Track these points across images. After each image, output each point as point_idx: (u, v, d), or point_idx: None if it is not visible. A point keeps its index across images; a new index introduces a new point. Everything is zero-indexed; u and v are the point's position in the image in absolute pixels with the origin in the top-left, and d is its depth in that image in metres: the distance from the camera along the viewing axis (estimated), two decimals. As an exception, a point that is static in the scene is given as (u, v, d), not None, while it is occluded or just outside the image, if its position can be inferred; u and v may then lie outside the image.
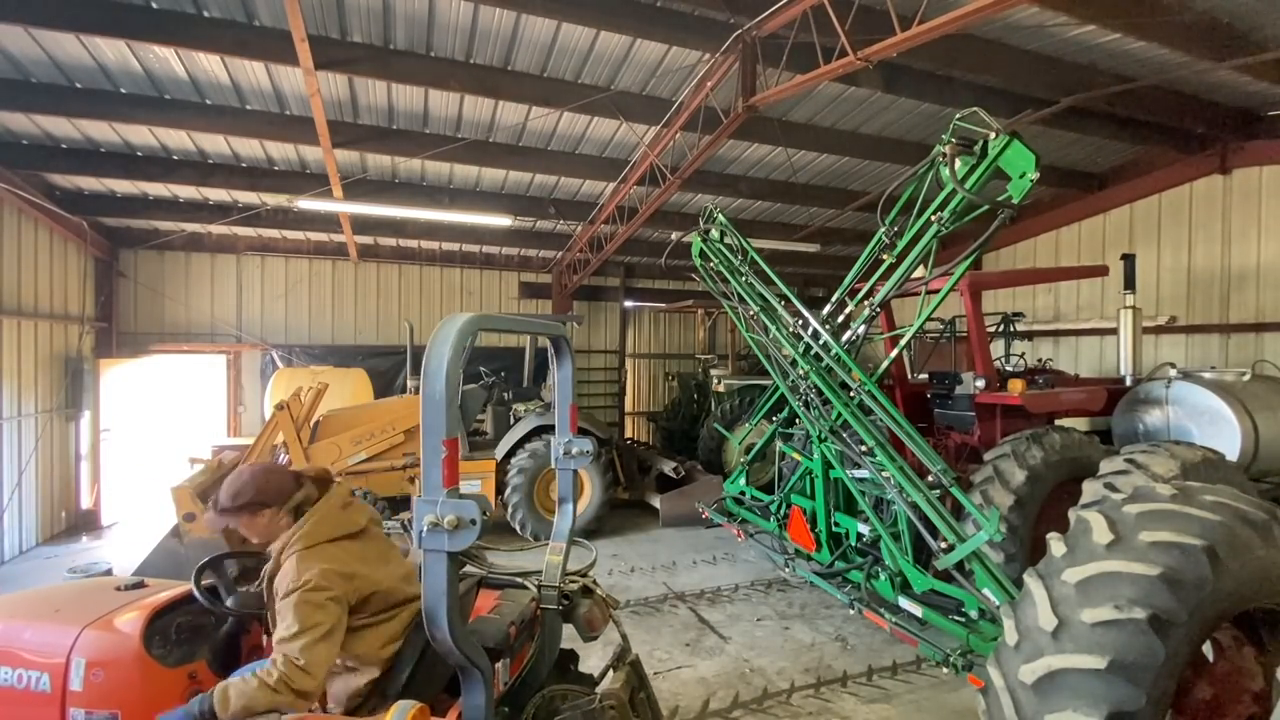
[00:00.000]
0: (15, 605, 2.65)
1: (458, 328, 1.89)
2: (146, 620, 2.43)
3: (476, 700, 2.02)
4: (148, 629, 2.42)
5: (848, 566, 5.89)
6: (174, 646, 2.50)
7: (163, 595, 2.63)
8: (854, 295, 6.23)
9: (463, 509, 1.76)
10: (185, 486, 6.64)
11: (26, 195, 7.94)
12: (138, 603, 2.56)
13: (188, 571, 6.37)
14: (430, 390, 1.78)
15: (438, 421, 1.78)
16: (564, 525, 2.80)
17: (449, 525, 1.74)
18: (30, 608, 2.59)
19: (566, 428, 2.88)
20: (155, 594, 2.65)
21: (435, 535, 1.75)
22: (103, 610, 2.47)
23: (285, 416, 7.42)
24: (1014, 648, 2.56)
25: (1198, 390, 6.10)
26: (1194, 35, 6.17)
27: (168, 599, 2.59)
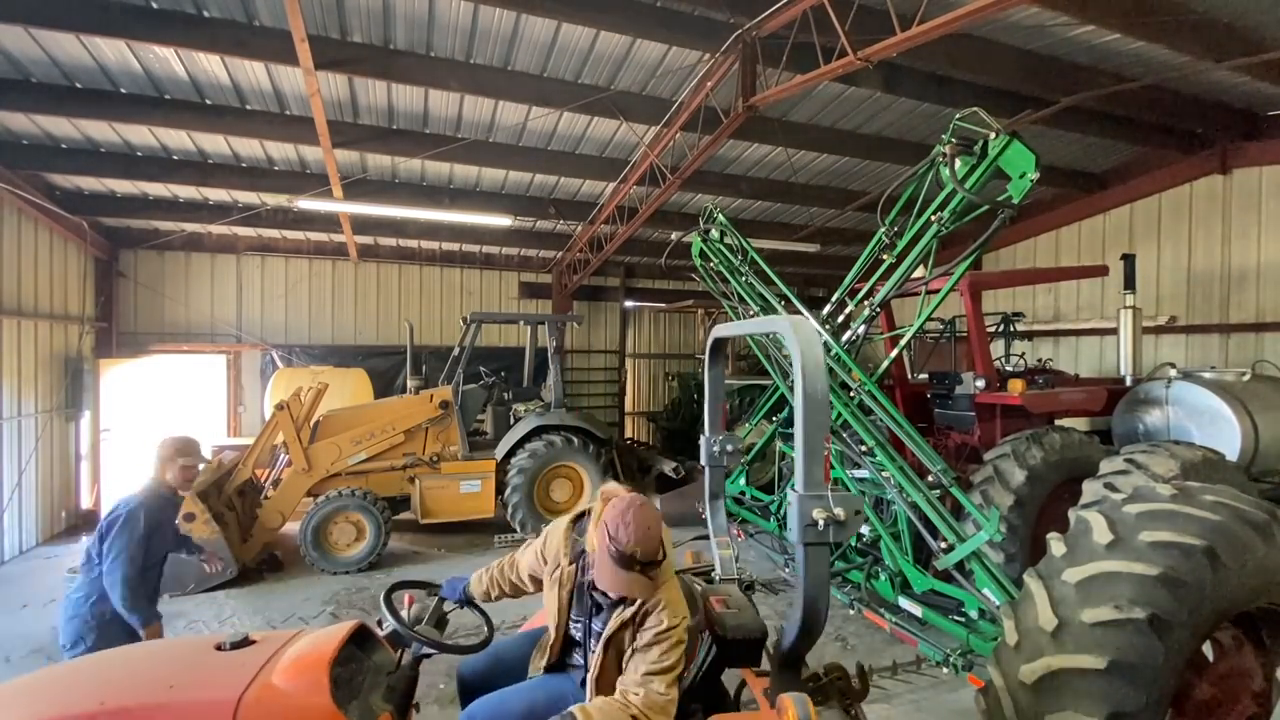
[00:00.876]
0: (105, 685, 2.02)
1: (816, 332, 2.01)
2: (329, 676, 2.04)
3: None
4: (333, 686, 2.04)
5: (848, 566, 5.89)
6: (357, 700, 2.11)
7: (324, 645, 2.18)
8: (854, 295, 6.23)
9: (848, 503, 1.84)
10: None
11: (26, 195, 7.94)
12: (302, 658, 2.13)
13: (186, 574, 6.36)
14: (811, 390, 1.85)
15: (819, 420, 1.86)
16: (721, 520, 2.98)
17: (834, 519, 1.83)
18: (131, 689, 2.00)
19: (718, 425, 3.00)
20: (283, 646, 2.21)
21: (821, 529, 1.84)
22: (238, 675, 2.03)
23: (285, 416, 7.42)
24: (1014, 648, 2.56)
25: (1198, 390, 6.10)
26: (1194, 35, 6.17)
27: (335, 649, 2.16)
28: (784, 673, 2.24)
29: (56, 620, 5.93)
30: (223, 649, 2.19)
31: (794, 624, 2.09)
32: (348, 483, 7.78)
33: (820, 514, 1.83)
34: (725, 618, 2.39)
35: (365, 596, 6.66)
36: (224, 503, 7.22)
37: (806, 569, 1.93)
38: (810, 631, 2.07)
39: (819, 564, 1.93)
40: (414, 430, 8.34)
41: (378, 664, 2.28)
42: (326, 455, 7.76)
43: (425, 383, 9.59)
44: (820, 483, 1.87)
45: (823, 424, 1.89)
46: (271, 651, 2.17)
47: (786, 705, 1.91)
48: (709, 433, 3.02)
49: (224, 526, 6.82)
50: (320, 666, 2.07)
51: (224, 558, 6.67)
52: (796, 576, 2.05)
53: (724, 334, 2.96)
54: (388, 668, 2.30)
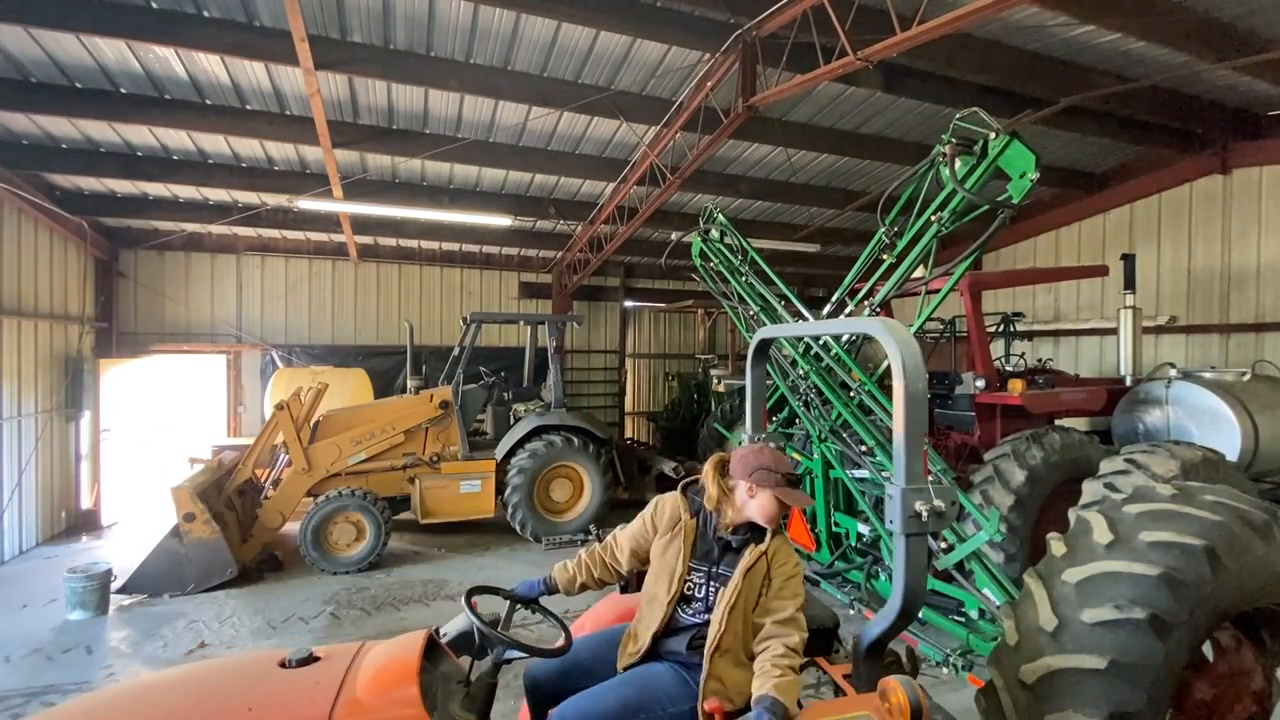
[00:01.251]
0: (177, 710, 1.95)
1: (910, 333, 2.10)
2: (420, 690, 2.00)
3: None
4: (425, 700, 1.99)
5: (848, 566, 5.89)
6: (437, 711, 2.06)
7: (405, 657, 2.13)
8: (854, 295, 6.23)
9: (946, 494, 1.96)
10: (185, 486, 6.64)
11: (26, 195, 7.94)
12: (384, 671, 2.07)
13: (188, 572, 6.38)
14: (911, 388, 1.93)
15: (919, 417, 1.96)
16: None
17: (935, 510, 1.93)
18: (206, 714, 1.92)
19: (760, 424, 3.10)
20: (353, 660, 2.14)
21: (924, 520, 1.94)
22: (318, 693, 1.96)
23: (285, 416, 7.42)
24: (1014, 648, 2.56)
25: (1198, 390, 6.10)
26: (1194, 35, 6.17)
27: (418, 661, 2.10)
28: (870, 659, 2.31)
29: (56, 621, 5.95)
30: (288, 666, 2.11)
31: (890, 612, 2.16)
32: (348, 483, 7.78)
33: (922, 506, 1.93)
34: None
35: (365, 597, 6.66)
36: (224, 503, 7.22)
37: (908, 559, 2.01)
38: (905, 618, 2.14)
39: (919, 554, 2.03)
40: (414, 430, 8.34)
41: (446, 674, 2.23)
42: (326, 455, 7.75)
43: (425, 383, 9.59)
44: (921, 476, 1.96)
45: (922, 421, 1.99)
46: (344, 666, 2.11)
47: (892, 687, 1.94)
48: (751, 430, 3.09)
49: (224, 526, 6.82)
50: (409, 680, 2.02)
51: (224, 558, 6.68)
52: (894, 566, 2.11)
53: (770, 335, 2.97)
54: (457, 676, 2.24)
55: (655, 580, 2.47)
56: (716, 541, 2.42)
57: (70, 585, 6.01)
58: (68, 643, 5.57)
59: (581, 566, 2.65)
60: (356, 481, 7.89)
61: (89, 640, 5.62)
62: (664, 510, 2.54)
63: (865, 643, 2.30)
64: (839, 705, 2.18)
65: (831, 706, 2.19)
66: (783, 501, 2.33)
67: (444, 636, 2.38)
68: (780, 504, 2.33)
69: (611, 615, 2.86)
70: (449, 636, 2.38)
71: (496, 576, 7.17)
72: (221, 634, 5.77)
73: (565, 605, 4.68)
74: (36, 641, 5.59)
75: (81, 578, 6.03)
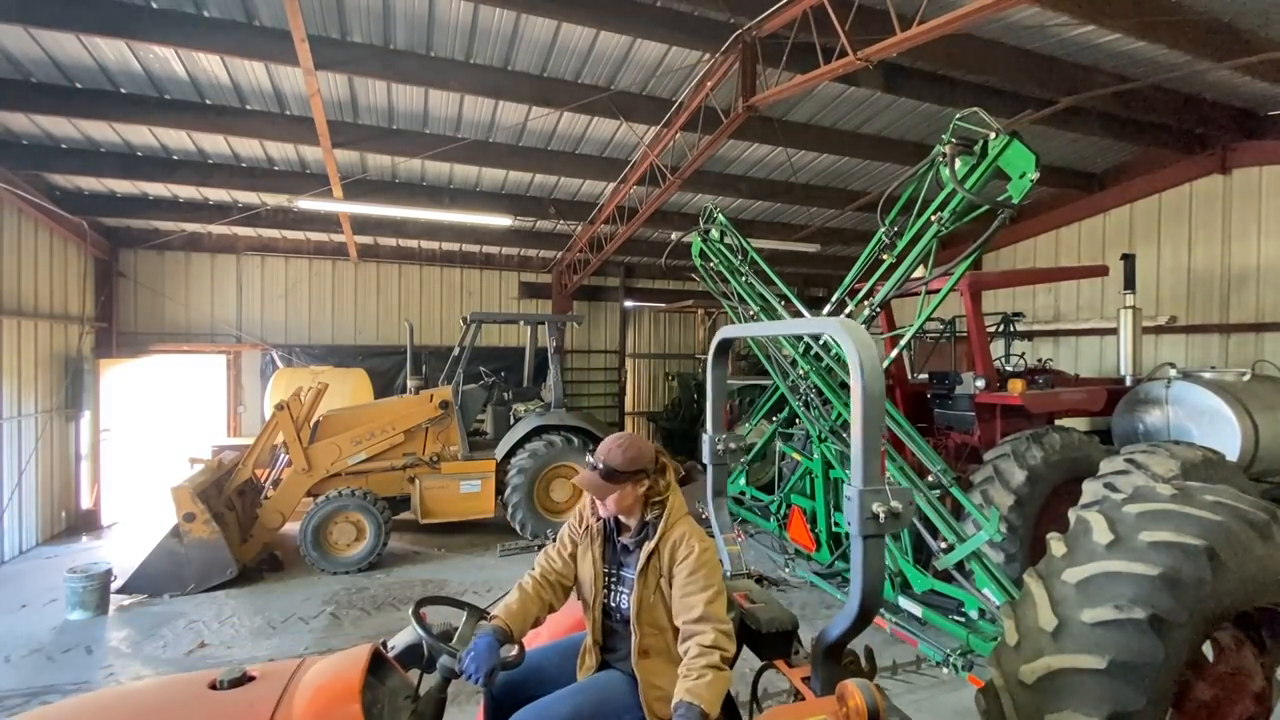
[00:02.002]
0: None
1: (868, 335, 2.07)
2: (363, 709, 1.89)
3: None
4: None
5: (848, 566, 5.89)
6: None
7: (346, 675, 2.01)
8: (854, 295, 6.23)
9: (903, 496, 1.94)
10: (185, 486, 6.64)
11: (26, 195, 7.94)
12: (323, 691, 1.95)
13: (188, 572, 6.34)
14: (869, 389, 1.90)
15: (876, 417, 1.93)
16: (725, 517, 3.04)
17: (892, 511, 1.91)
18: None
19: (720, 424, 3.06)
20: (290, 679, 2.03)
21: (881, 522, 1.92)
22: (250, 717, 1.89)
23: (285, 416, 7.42)
24: (1014, 648, 2.56)
25: (1198, 390, 6.10)
26: (1194, 35, 6.17)
27: (360, 678, 1.98)
28: (828, 662, 2.28)
29: (56, 621, 5.95)
30: (219, 688, 1.96)
31: (848, 614, 2.14)
32: (348, 483, 7.78)
33: (879, 508, 1.91)
34: (757, 613, 2.49)
35: (365, 597, 6.66)
36: (224, 503, 7.22)
37: (865, 561, 1.99)
38: (863, 621, 2.12)
39: (876, 556, 2.01)
40: (414, 430, 8.34)
41: (393, 689, 2.12)
42: (326, 455, 7.75)
43: (425, 383, 9.59)
44: (878, 477, 1.93)
45: (880, 422, 1.96)
46: (281, 686, 1.98)
47: (850, 691, 1.92)
48: (711, 431, 3.05)
49: (224, 526, 6.82)
50: (350, 697, 1.90)
51: (224, 558, 6.68)
52: (852, 567, 2.09)
53: (731, 335, 2.95)
54: (405, 691, 2.14)
55: (582, 589, 2.41)
56: (619, 542, 2.37)
57: (70, 585, 6.02)
58: (68, 643, 5.57)
59: (527, 599, 2.41)
60: (356, 481, 7.89)
61: (89, 640, 5.62)
62: (581, 516, 2.47)
63: (824, 645, 2.27)
64: (797, 710, 2.16)
65: (789, 711, 2.17)
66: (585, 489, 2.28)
67: (392, 650, 2.31)
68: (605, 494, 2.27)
69: (570, 621, 2.76)
70: (397, 650, 2.31)
71: (496, 576, 7.18)
72: (221, 634, 5.77)
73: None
74: (36, 641, 5.59)
75: (81, 578, 6.04)
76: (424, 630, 2.16)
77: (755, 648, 2.49)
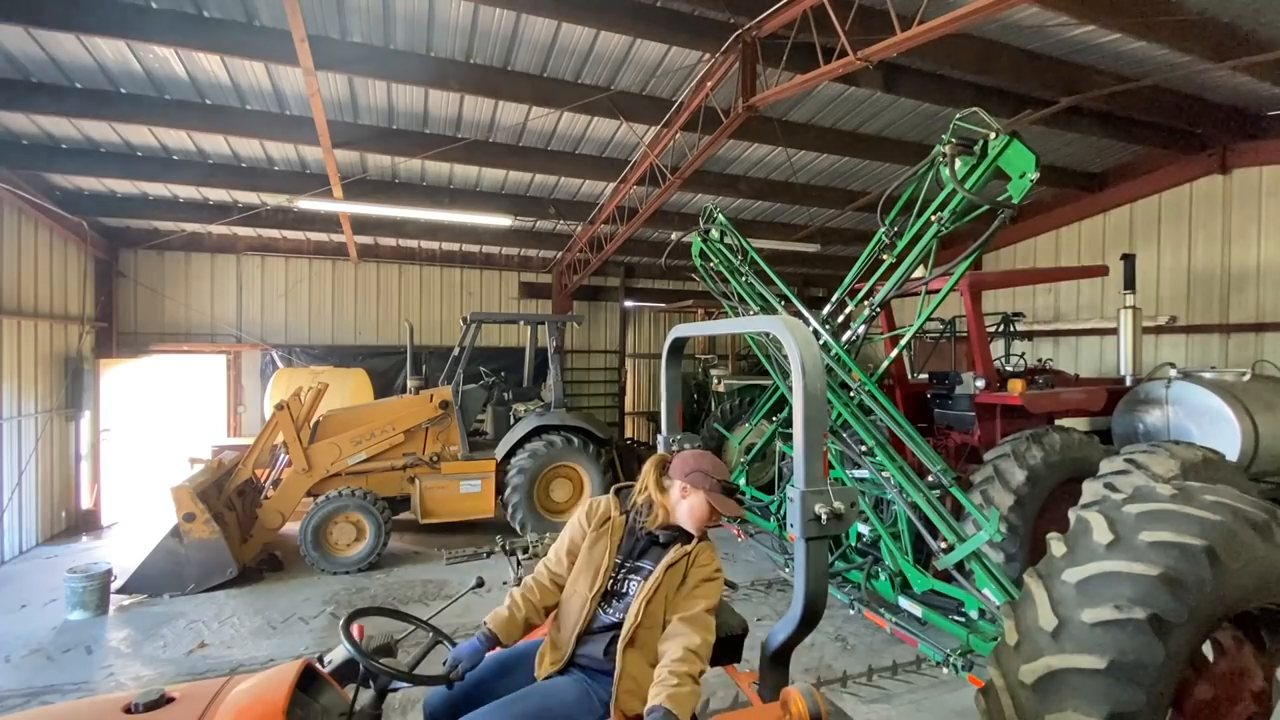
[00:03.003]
0: None
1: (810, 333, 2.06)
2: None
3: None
4: None
5: (848, 566, 5.89)
6: None
7: (271, 695, 1.92)
8: (854, 295, 6.23)
9: (846, 496, 1.93)
10: (185, 487, 6.64)
11: (26, 195, 7.94)
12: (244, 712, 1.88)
13: (188, 572, 6.33)
14: (810, 388, 1.90)
15: (818, 417, 1.92)
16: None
17: (834, 513, 1.90)
18: None
19: (675, 426, 3.06)
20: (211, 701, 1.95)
21: (824, 524, 1.91)
22: None
23: (285, 416, 7.42)
24: (1014, 648, 2.56)
25: (1198, 390, 6.10)
26: (1194, 35, 6.16)
27: (285, 698, 1.89)
28: (775, 667, 2.25)
29: (56, 621, 5.95)
30: (134, 711, 1.84)
31: (792, 618, 2.10)
32: (348, 483, 7.78)
33: (821, 509, 1.89)
34: None
35: (365, 597, 6.67)
36: (224, 503, 7.22)
37: (808, 563, 1.96)
38: (807, 625, 2.08)
39: (819, 558, 1.98)
40: (414, 430, 8.34)
41: (327, 706, 2.02)
42: (326, 455, 7.75)
43: (425, 383, 9.60)
44: (820, 478, 1.91)
45: (821, 421, 1.93)
46: (200, 709, 1.87)
47: (793, 697, 1.90)
48: (666, 432, 3.03)
49: (224, 526, 6.82)
50: (273, 718, 1.81)
51: (224, 558, 6.68)
52: (795, 571, 2.06)
53: (684, 334, 2.95)
54: (340, 708, 2.03)
55: (578, 578, 2.39)
56: (644, 536, 2.41)
57: (70, 585, 6.02)
58: (68, 643, 5.57)
59: (522, 603, 2.39)
60: (356, 481, 7.89)
61: (89, 640, 5.62)
62: (596, 508, 2.52)
63: (770, 650, 2.25)
64: (744, 716, 2.15)
65: (737, 718, 2.15)
66: (713, 507, 2.32)
67: (328, 665, 2.23)
68: (711, 509, 2.32)
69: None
70: (334, 665, 2.24)
71: (496, 577, 7.17)
72: (221, 634, 5.77)
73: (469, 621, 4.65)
74: (36, 641, 5.59)
75: (81, 578, 6.04)
76: (352, 644, 2.07)
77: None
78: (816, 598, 2.02)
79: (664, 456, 2.55)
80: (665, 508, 2.38)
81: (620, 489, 2.58)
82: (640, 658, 2.19)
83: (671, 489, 2.39)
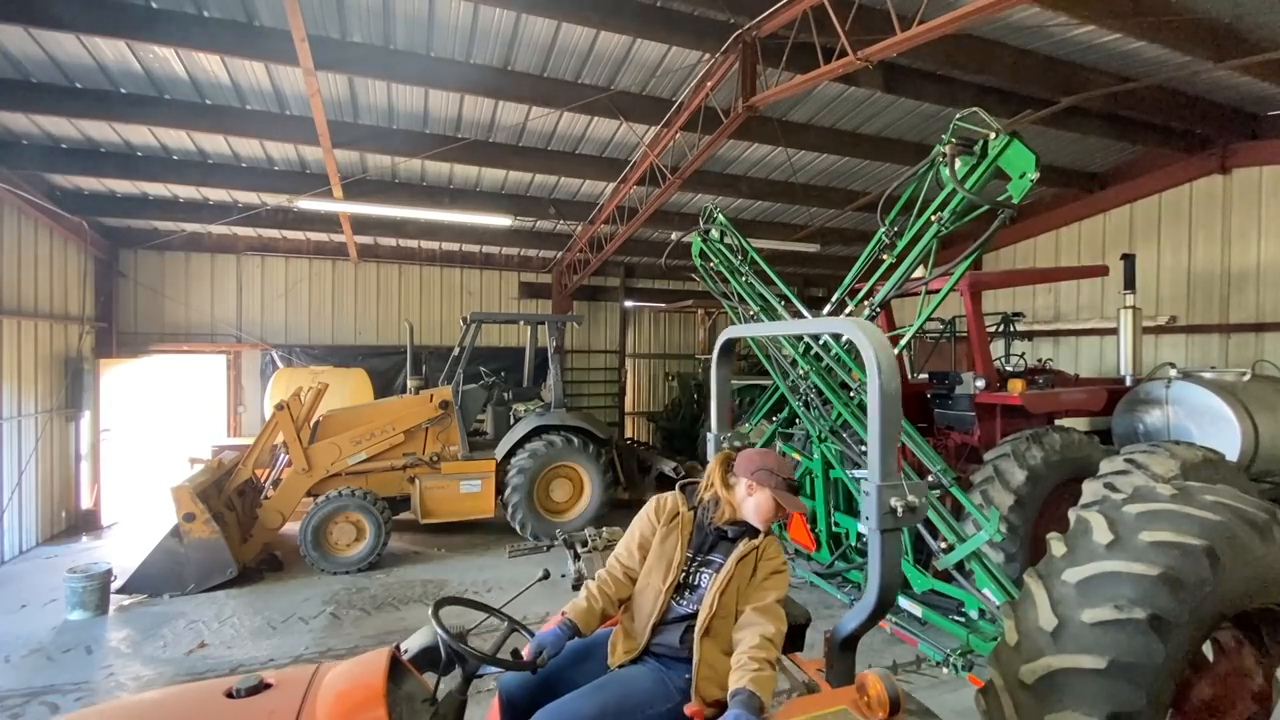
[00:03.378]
0: None
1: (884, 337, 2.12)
2: (387, 713, 1.87)
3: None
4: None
5: (848, 566, 5.89)
6: None
7: (369, 681, 1.98)
8: (854, 295, 6.23)
9: (919, 490, 1.99)
10: (185, 486, 6.65)
11: (26, 195, 7.94)
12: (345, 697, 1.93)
13: (189, 572, 6.38)
14: (886, 386, 1.96)
15: (894, 414, 1.99)
16: None
17: (909, 505, 1.96)
18: None
19: (725, 423, 3.11)
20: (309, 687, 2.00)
21: (900, 516, 1.97)
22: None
23: (285, 416, 7.42)
24: (1014, 648, 2.56)
25: (1198, 390, 6.09)
26: (1194, 35, 6.16)
27: (383, 684, 1.95)
28: (843, 654, 2.32)
29: (56, 621, 5.95)
30: (235, 696, 1.93)
31: (865, 607, 2.16)
32: (348, 483, 7.78)
33: (897, 501, 1.95)
34: None
35: (365, 597, 6.66)
36: (224, 503, 7.23)
37: (883, 554, 2.02)
38: (879, 613, 2.15)
39: (893, 549, 2.05)
40: (414, 430, 8.34)
41: (410, 693, 2.09)
42: (326, 455, 7.75)
43: (425, 383, 9.59)
44: (894, 472, 1.98)
45: (896, 419, 2.01)
46: (300, 694, 1.96)
47: (870, 680, 1.94)
48: (715, 430, 3.07)
49: (224, 526, 6.82)
50: (374, 702, 1.88)
51: (224, 558, 6.68)
52: (869, 561, 2.11)
53: (735, 335, 2.95)
54: (422, 695, 2.11)
55: (651, 571, 2.49)
56: (713, 532, 2.49)
57: (70, 585, 6.02)
58: (68, 643, 5.57)
59: (598, 596, 2.50)
60: (356, 481, 7.89)
61: (89, 640, 5.62)
62: (665, 505, 2.61)
63: (840, 637, 2.32)
64: (817, 701, 2.17)
65: (809, 703, 2.17)
66: (779, 503, 2.40)
67: (405, 653, 2.28)
68: (776, 505, 2.41)
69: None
70: (411, 653, 2.28)
71: (496, 577, 7.18)
72: (221, 634, 5.77)
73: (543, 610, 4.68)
74: (36, 641, 5.59)
75: (81, 578, 6.04)
76: (444, 631, 2.14)
77: None
78: (889, 587, 2.08)
79: (728, 454, 2.61)
80: (731, 504, 2.46)
81: (685, 485, 2.67)
82: (715, 646, 2.28)
83: (737, 486, 2.47)
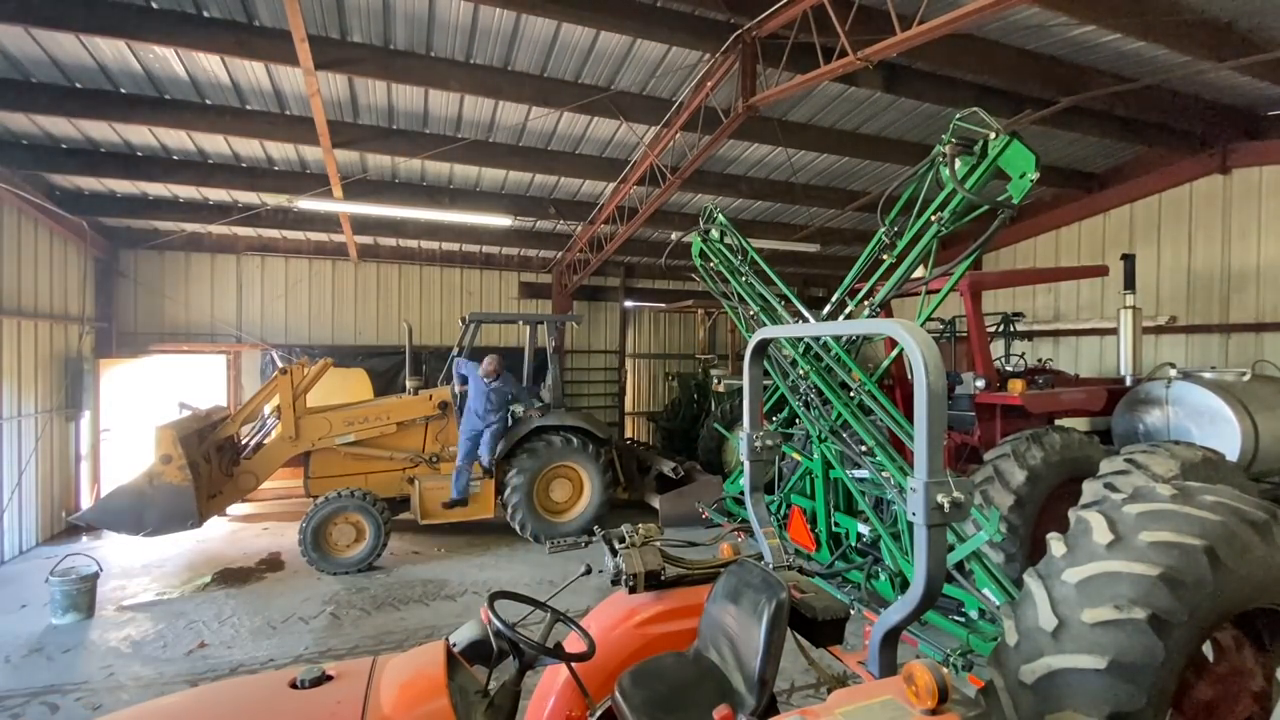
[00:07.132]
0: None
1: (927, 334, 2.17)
2: (452, 705, 1.94)
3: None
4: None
5: (848, 566, 5.89)
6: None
7: (430, 671, 2.05)
8: (854, 295, 6.24)
9: (964, 486, 2.01)
10: (169, 428, 6.57)
11: (26, 195, 7.94)
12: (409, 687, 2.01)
13: (150, 515, 6.45)
14: (934, 387, 2.01)
15: (939, 413, 2.03)
16: (763, 511, 3.14)
17: (955, 501, 1.99)
18: None
19: (758, 421, 3.12)
20: (370, 677, 2.07)
21: (946, 512, 1.99)
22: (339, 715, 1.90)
23: (286, 381, 7.51)
24: (1014, 648, 2.56)
25: (1198, 390, 6.10)
26: (1194, 35, 6.17)
27: (444, 675, 2.03)
28: (886, 646, 2.35)
29: (56, 620, 5.94)
30: (300, 687, 1.99)
31: (910, 600, 2.19)
32: (347, 483, 7.78)
33: (944, 498, 1.98)
34: (812, 601, 2.62)
35: (365, 597, 6.66)
36: (202, 453, 7.14)
37: (929, 549, 2.05)
38: (925, 606, 2.18)
39: (940, 544, 2.08)
40: (407, 423, 8.38)
41: (463, 685, 2.14)
42: (316, 428, 7.82)
43: (425, 383, 9.59)
44: (940, 470, 2.00)
45: (942, 417, 2.05)
46: (363, 684, 2.03)
47: (918, 670, 1.94)
48: (749, 429, 3.10)
49: (196, 477, 6.70)
50: (438, 692, 1.95)
51: (188, 507, 6.53)
52: (915, 556, 2.13)
53: (769, 335, 2.96)
54: (475, 686, 2.16)
55: None
56: None
57: (61, 589, 5.90)
58: (68, 643, 5.57)
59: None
60: (356, 482, 7.90)
61: (89, 640, 5.62)
62: None
63: (883, 630, 2.34)
64: (863, 691, 2.16)
65: (855, 693, 2.15)
66: None
67: (455, 646, 2.32)
68: None
69: (618, 615, 2.87)
70: (460, 645, 2.33)
71: (496, 577, 7.18)
72: (221, 634, 5.77)
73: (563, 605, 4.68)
74: (36, 641, 5.59)
75: (74, 579, 5.93)
76: (503, 624, 2.21)
77: (810, 635, 2.61)
78: (935, 581, 2.11)
79: None
80: None
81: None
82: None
83: None
